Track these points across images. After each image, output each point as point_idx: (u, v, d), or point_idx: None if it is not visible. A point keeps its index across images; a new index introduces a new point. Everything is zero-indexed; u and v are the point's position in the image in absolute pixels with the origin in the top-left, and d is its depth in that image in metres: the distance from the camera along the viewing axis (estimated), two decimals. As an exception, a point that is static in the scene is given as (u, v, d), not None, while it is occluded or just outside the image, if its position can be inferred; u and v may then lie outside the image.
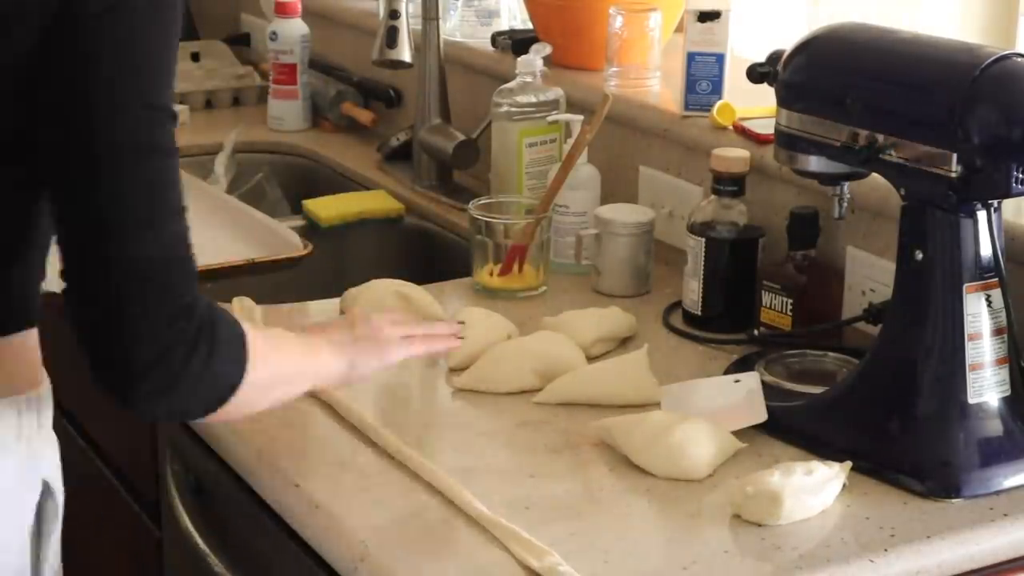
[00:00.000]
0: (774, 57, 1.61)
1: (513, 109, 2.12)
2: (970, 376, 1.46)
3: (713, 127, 1.96)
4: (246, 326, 1.27)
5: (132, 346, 1.16)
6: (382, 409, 1.63)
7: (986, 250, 1.46)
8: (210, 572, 1.61)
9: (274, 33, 2.74)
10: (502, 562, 1.32)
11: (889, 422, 1.48)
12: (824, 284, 1.78)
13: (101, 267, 1.17)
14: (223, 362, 1.22)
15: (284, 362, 1.35)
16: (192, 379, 1.19)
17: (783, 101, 1.58)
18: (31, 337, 1.31)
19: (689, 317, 1.85)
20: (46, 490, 1.30)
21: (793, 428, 1.54)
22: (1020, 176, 1.41)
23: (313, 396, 1.59)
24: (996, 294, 1.47)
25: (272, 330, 1.40)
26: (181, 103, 2.79)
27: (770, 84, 1.61)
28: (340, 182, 2.55)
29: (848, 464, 1.44)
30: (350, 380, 1.45)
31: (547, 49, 2.18)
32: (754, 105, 1.93)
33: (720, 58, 1.99)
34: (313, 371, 1.40)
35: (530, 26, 2.39)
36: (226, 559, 1.60)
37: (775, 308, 1.77)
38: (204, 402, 1.24)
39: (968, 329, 1.46)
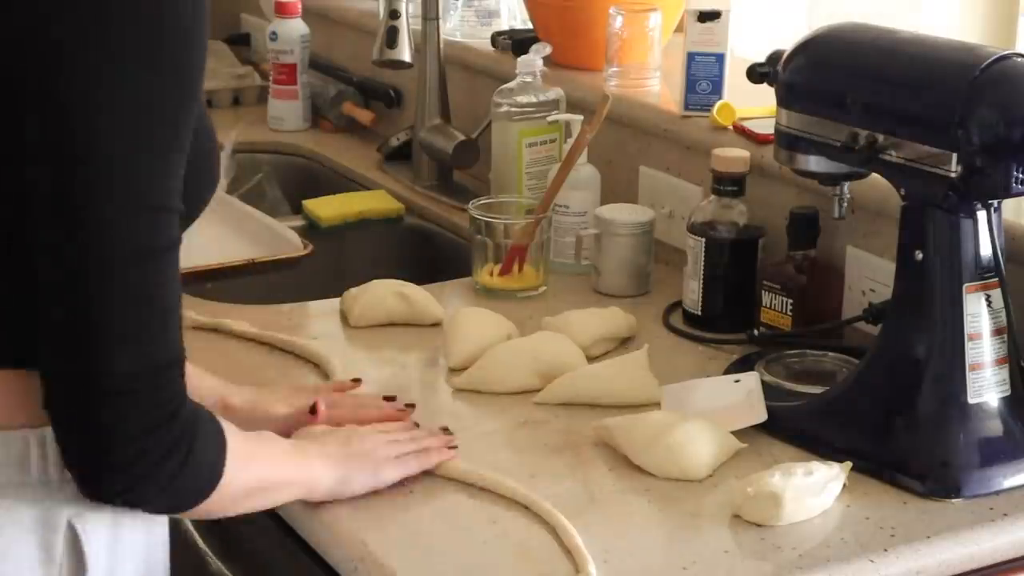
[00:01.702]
0: (774, 57, 1.61)
1: (513, 109, 2.12)
2: (970, 376, 1.46)
3: (713, 127, 1.96)
4: (230, 432, 1.25)
5: (106, 450, 1.13)
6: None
7: (986, 250, 1.46)
8: (210, 572, 1.61)
9: (274, 33, 2.74)
10: (503, 561, 1.32)
11: (889, 422, 1.48)
12: (824, 284, 1.78)
13: (78, 379, 1.13)
14: (195, 470, 1.19)
15: (269, 470, 1.32)
16: (160, 484, 1.16)
17: (783, 101, 1.58)
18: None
19: (689, 317, 1.85)
20: (73, 534, 1.23)
21: (793, 428, 1.54)
22: (1020, 176, 1.41)
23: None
24: (996, 294, 1.47)
25: (262, 435, 1.36)
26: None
27: (770, 84, 1.61)
28: (340, 182, 2.55)
29: (848, 464, 1.44)
30: (340, 495, 1.40)
31: (547, 49, 2.18)
32: (754, 105, 1.93)
33: (720, 58, 1.99)
34: (302, 482, 1.37)
35: (530, 26, 2.39)
36: (226, 559, 1.60)
37: (775, 308, 1.77)
38: (170, 504, 1.22)
39: (968, 329, 1.46)
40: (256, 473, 1.30)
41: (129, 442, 1.13)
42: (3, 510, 1.20)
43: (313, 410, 1.50)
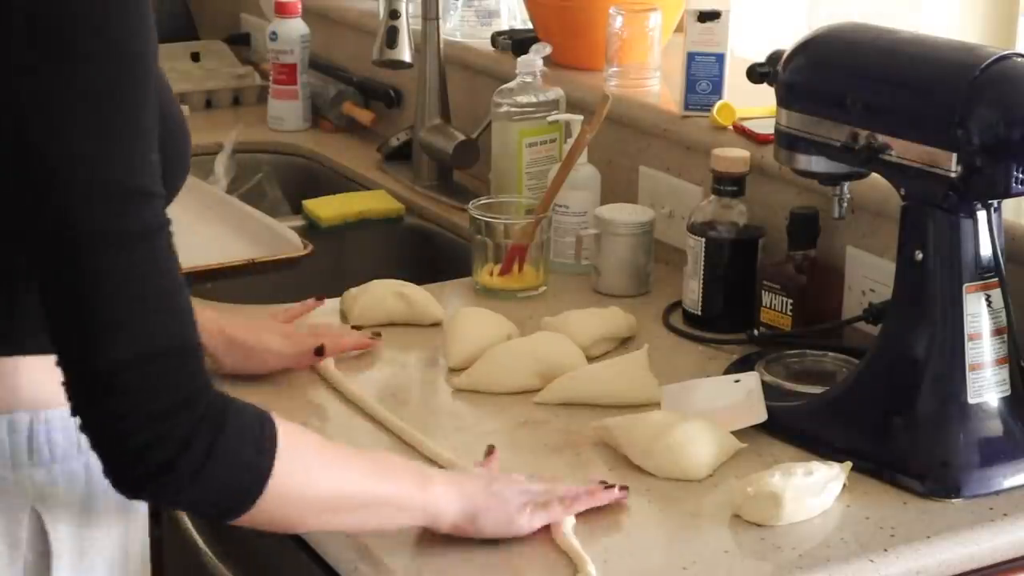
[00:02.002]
0: (774, 57, 1.61)
1: (513, 109, 2.12)
2: (970, 376, 1.46)
3: (713, 127, 1.96)
4: (306, 434, 1.21)
5: (117, 439, 1.11)
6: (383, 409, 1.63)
7: (986, 250, 1.46)
8: (210, 572, 1.61)
9: (274, 33, 2.74)
10: (503, 561, 1.32)
11: (889, 422, 1.48)
12: (824, 284, 1.78)
13: (81, 369, 1.11)
14: (226, 465, 1.13)
15: (361, 484, 1.25)
16: (182, 477, 1.11)
17: (783, 101, 1.58)
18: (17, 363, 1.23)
19: (689, 317, 1.85)
20: (38, 521, 1.23)
21: (793, 428, 1.54)
22: (1020, 176, 1.41)
23: (314, 392, 1.59)
24: (996, 294, 1.47)
25: (378, 453, 1.31)
26: (182, 103, 2.79)
27: (770, 84, 1.61)
28: (340, 182, 2.55)
29: (848, 465, 1.44)
30: (467, 532, 1.31)
31: (547, 49, 2.18)
32: (754, 105, 1.93)
33: (720, 58, 1.99)
34: (419, 507, 1.28)
35: (530, 26, 2.39)
36: (226, 559, 1.60)
37: (775, 308, 1.77)
38: (211, 504, 1.16)
39: (968, 329, 1.46)
40: (339, 484, 1.23)
41: (138, 430, 1.10)
42: None
43: (320, 351, 1.49)
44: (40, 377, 1.21)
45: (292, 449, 1.18)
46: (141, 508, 1.33)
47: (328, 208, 2.37)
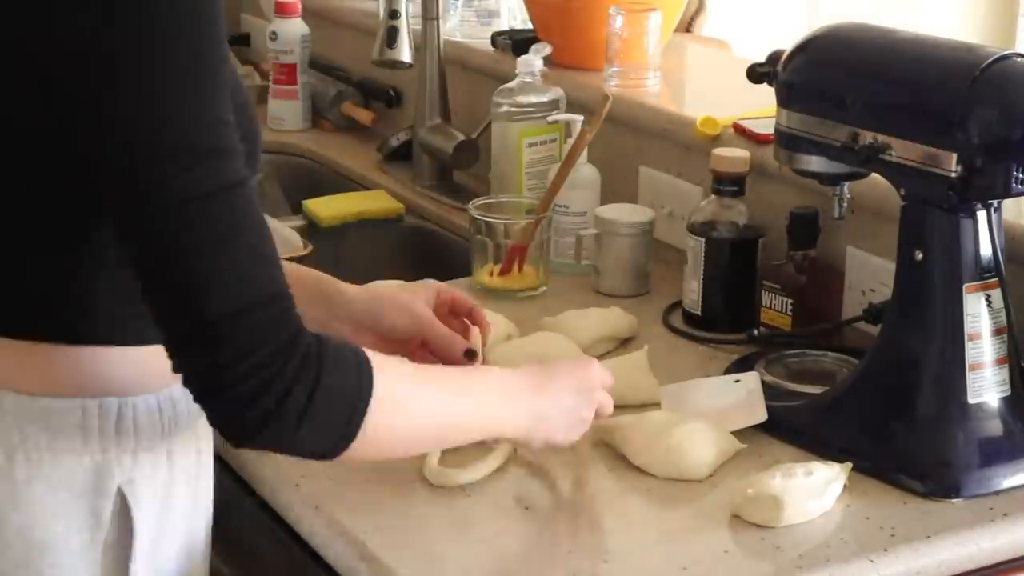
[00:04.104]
0: (774, 57, 1.61)
1: (513, 109, 2.12)
2: (970, 376, 1.46)
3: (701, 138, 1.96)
4: (399, 364, 1.26)
5: (221, 393, 1.14)
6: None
7: (986, 250, 1.46)
8: (210, 572, 1.61)
9: (274, 33, 2.74)
10: (503, 561, 1.32)
11: (889, 422, 1.49)
12: (824, 284, 1.78)
13: (181, 329, 1.15)
14: (329, 402, 1.17)
15: (449, 406, 1.30)
16: (290, 420, 1.15)
17: (783, 101, 1.58)
18: (98, 353, 1.26)
19: (689, 317, 1.85)
20: (123, 501, 1.26)
21: (793, 428, 1.54)
22: (1020, 176, 1.41)
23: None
24: (996, 294, 1.47)
25: (465, 370, 1.38)
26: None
27: (770, 84, 1.61)
28: (340, 182, 2.55)
29: (848, 465, 1.44)
30: (526, 443, 1.40)
31: (547, 49, 2.18)
32: (754, 105, 1.93)
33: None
34: (495, 423, 1.35)
35: (530, 26, 2.39)
36: (226, 559, 1.60)
37: (775, 308, 1.77)
38: (315, 443, 1.19)
39: (968, 329, 1.46)
40: (430, 410, 1.28)
41: (243, 379, 1.13)
42: (59, 474, 1.23)
43: (470, 354, 1.51)
44: (129, 364, 1.25)
45: (387, 380, 1.21)
46: (207, 492, 1.37)
47: (328, 208, 2.37)
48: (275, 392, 1.14)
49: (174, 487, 1.30)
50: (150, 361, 1.23)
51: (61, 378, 1.22)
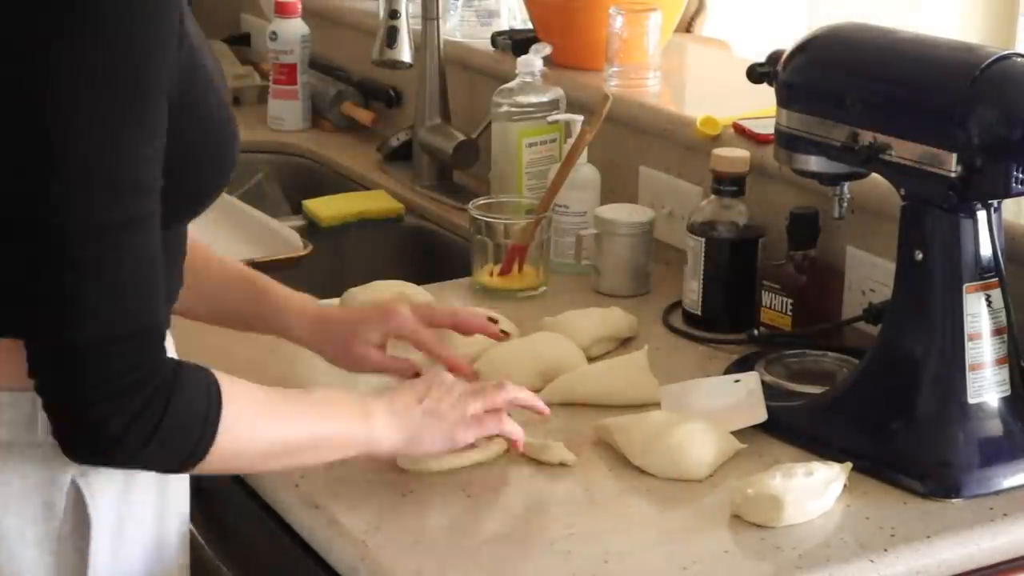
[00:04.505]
0: (774, 57, 1.61)
1: (513, 109, 2.12)
2: (970, 376, 1.46)
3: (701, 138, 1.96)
4: (250, 389, 1.27)
5: (72, 414, 1.18)
6: (382, 409, 1.63)
7: (986, 250, 1.46)
8: (210, 572, 1.61)
9: (274, 33, 2.74)
10: (503, 561, 1.32)
11: (889, 422, 1.49)
12: (824, 284, 1.78)
13: (50, 345, 1.17)
14: (172, 434, 1.19)
15: (305, 428, 1.31)
16: (135, 445, 1.18)
17: (783, 101, 1.58)
18: None
19: (689, 317, 1.85)
20: (77, 493, 1.26)
21: (793, 428, 1.54)
22: (1020, 176, 1.41)
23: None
24: (996, 294, 1.47)
25: (319, 392, 1.39)
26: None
27: (770, 84, 1.61)
28: (340, 182, 2.55)
29: (848, 465, 1.44)
30: (411, 453, 1.41)
31: (547, 49, 2.18)
32: (754, 105, 1.93)
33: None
34: (361, 442, 1.35)
35: (530, 26, 2.39)
36: (226, 559, 1.60)
37: (775, 308, 1.77)
38: (158, 464, 1.23)
39: (968, 329, 1.46)
40: (283, 431, 1.30)
41: (96, 405, 1.16)
42: (11, 467, 1.24)
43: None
44: None
45: (237, 406, 1.24)
46: (180, 487, 1.37)
47: (328, 208, 2.37)
48: (121, 421, 1.17)
49: (135, 479, 1.30)
50: None
51: (12, 371, 1.22)
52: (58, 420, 1.19)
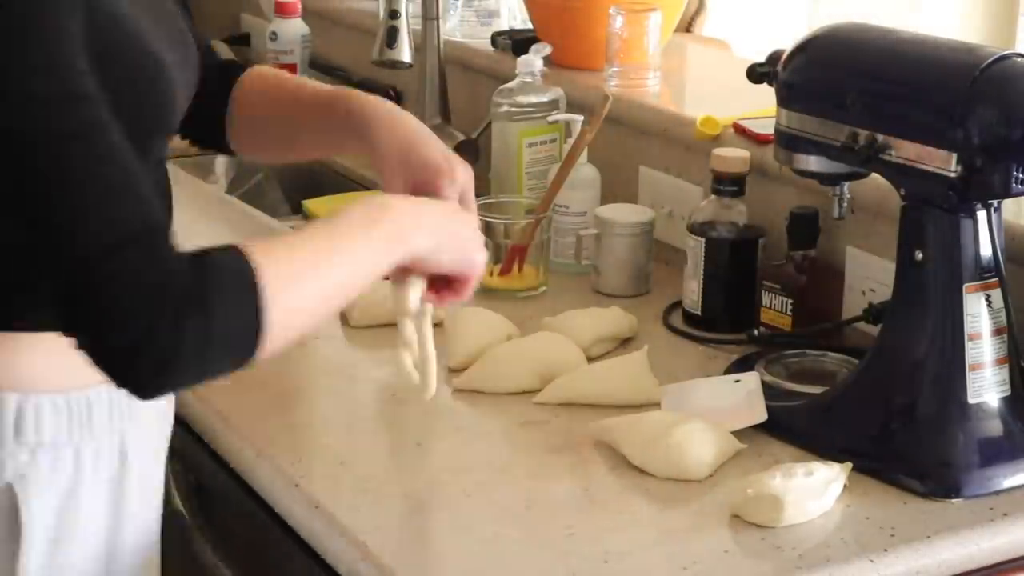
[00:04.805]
0: (774, 57, 1.61)
1: (513, 109, 2.12)
2: (970, 376, 1.46)
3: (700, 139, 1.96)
4: (277, 247, 1.19)
5: (110, 337, 1.09)
6: (382, 409, 1.63)
7: (986, 250, 1.46)
8: (210, 572, 1.61)
9: (274, 33, 2.74)
10: (503, 561, 1.32)
11: (889, 422, 1.49)
12: (824, 284, 1.78)
13: (52, 268, 1.12)
14: (227, 319, 1.12)
15: (347, 266, 1.24)
16: (192, 351, 1.10)
17: (783, 101, 1.58)
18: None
19: (689, 317, 1.85)
20: (11, 497, 1.24)
21: (793, 428, 1.54)
22: (1020, 176, 1.41)
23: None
24: (996, 294, 1.47)
25: (352, 218, 1.27)
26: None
27: (770, 84, 1.61)
28: (340, 182, 2.54)
29: (848, 465, 1.44)
30: (426, 262, 1.33)
31: (547, 49, 2.18)
32: (754, 105, 1.93)
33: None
34: (396, 257, 1.29)
35: (530, 26, 2.39)
36: (225, 558, 1.60)
37: (775, 308, 1.77)
38: (224, 365, 1.15)
39: (968, 329, 1.46)
40: (328, 277, 1.22)
41: (126, 325, 1.09)
42: None
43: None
44: (35, 360, 1.23)
45: (275, 271, 1.16)
46: (137, 509, 1.34)
47: (328, 208, 2.36)
48: (166, 323, 1.09)
49: (80, 489, 1.27)
50: (53, 357, 1.21)
51: None
52: (109, 358, 1.11)
